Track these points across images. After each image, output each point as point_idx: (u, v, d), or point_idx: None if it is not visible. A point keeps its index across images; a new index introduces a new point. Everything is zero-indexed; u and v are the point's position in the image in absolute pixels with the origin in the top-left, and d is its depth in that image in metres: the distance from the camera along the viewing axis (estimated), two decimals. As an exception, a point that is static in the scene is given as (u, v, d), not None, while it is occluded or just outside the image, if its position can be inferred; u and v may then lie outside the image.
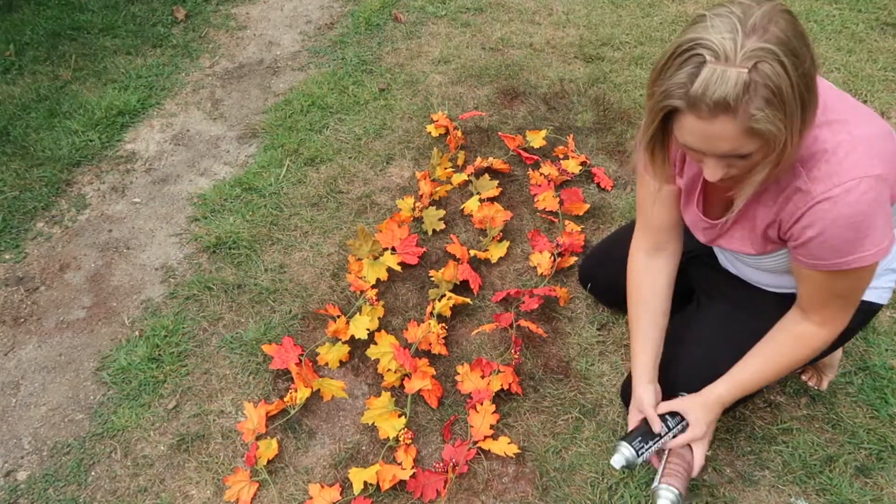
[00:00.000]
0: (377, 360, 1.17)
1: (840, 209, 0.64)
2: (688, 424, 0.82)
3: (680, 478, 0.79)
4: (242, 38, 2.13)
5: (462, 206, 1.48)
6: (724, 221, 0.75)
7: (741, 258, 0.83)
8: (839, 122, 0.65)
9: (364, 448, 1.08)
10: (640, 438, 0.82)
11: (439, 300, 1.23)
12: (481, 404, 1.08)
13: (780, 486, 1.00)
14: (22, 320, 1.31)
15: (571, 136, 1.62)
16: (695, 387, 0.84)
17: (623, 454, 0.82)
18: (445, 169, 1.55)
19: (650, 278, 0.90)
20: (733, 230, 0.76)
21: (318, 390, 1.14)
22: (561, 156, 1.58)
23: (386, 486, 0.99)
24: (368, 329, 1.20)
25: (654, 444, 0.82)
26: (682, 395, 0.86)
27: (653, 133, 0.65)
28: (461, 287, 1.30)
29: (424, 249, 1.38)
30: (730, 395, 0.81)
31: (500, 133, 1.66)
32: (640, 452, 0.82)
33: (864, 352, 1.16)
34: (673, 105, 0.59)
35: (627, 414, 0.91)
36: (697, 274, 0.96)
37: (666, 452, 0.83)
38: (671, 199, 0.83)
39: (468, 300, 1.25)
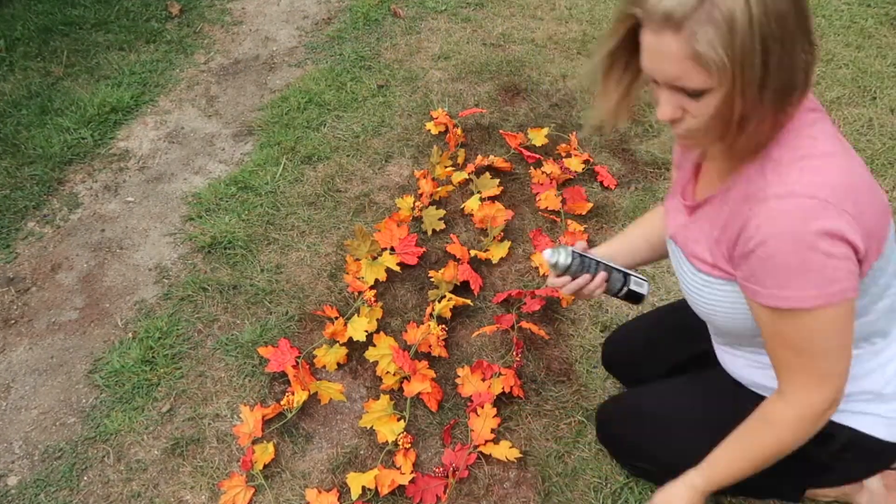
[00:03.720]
0: (376, 363, 1.15)
1: (790, 222, 0.55)
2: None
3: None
4: (238, 33, 2.09)
5: (462, 206, 1.46)
6: (696, 202, 0.67)
7: (697, 305, 0.70)
8: (834, 152, 0.58)
9: (362, 452, 1.06)
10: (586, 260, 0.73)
11: (439, 301, 1.21)
12: (482, 408, 1.06)
13: (788, 492, 0.98)
14: (13, 322, 1.29)
15: (574, 133, 1.60)
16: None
17: (560, 251, 0.73)
18: (445, 167, 1.52)
19: (646, 216, 0.85)
20: (698, 223, 0.67)
21: (316, 393, 1.12)
22: (563, 154, 1.56)
23: (385, 491, 0.97)
24: (367, 331, 1.17)
25: (593, 263, 0.74)
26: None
27: (614, 45, 0.58)
28: (461, 288, 1.28)
29: (424, 249, 1.36)
30: (706, 482, 0.71)
31: (501, 131, 1.64)
32: (574, 258, 0.72)
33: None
34: (632, 12, 0.54)
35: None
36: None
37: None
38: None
39: (468, 301, 1.23)
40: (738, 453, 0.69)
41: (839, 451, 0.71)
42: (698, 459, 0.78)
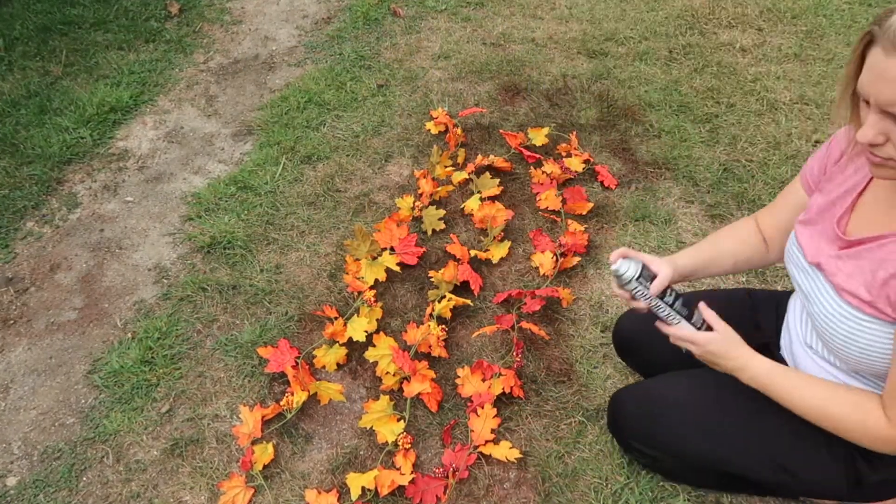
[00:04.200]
0: (375, 363, 1.15)
1: None
2: (700, 322, 0.76)
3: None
4: (237, 32, 2.09)
5: (462, 205, 1.45)
6: (858, 239, 0.65)
7: (830, 334, 0.69)
8: None
9: (362, 453, 1.05)
10: (647, 277, 0.76)
11: (439, 301, 1.21)
12: (482, 408, 1.06)
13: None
14: (11, 322, 1.29)
15: (574, 133, 1.59)
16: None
17: (630, 265, 0.76)
18: (445, 167, 1.52)
19: (738, 232, 0.86)
20: (855, 259, 0.66)
21: (315, 394, 1.12)
22: (564, 153, 1.55)
23: (384, 491, 0.97)
24: (366, 331, 1.17)
25: (650, 292, 0.76)
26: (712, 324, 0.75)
27: (853, 61, 0.58)
28: (461, 288, 1.28)
29: (424, 249, 1.36)
30: (758, 375, 0.72)
31: (501, 130, 1.63)
32: (640, 277, 0.75)
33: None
34: (871, 30, 0.55)
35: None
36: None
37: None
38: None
39: (468, 301, 1.23)
40: (809, 392, 0.69)
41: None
42: (711, 449, 0.78)
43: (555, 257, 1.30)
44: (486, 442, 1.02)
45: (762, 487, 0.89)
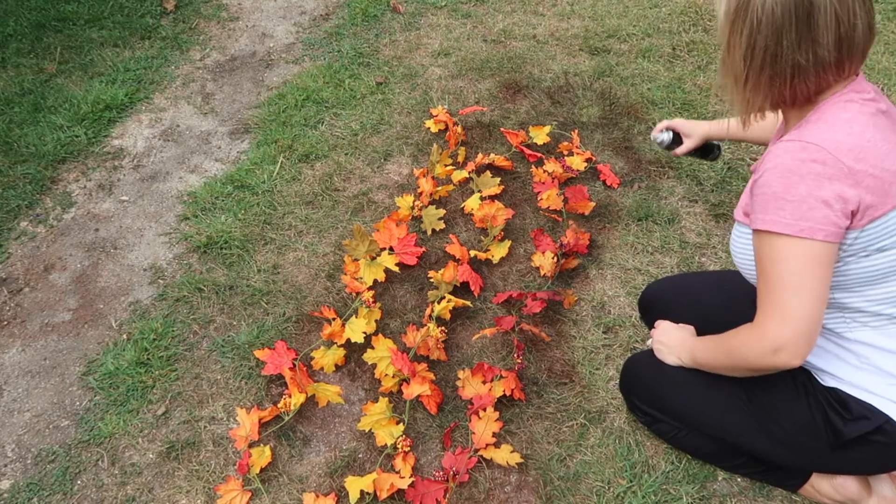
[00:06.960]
0: (374, 365, 1.13)
1: (787, 157, 0.67)
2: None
3: None
4: (234, 29, 2.07)
5: (462, 205, 1.44)
6: (754, 169, 0.76)
7: (736, 260, 0.83)
8: (854, 121, 0.68)
9: (361, 456, 1.04)
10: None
11: (438, 302, 1.19)
12: (483, 411, 1.04)
13: (794, 497, 0.97)
14: (5, 323, 1.27)
15: (576, 131, 1.58)
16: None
17: (664, 136, 1.19)
18: (445, 166, 1.50)
19: (769, 122, 1.01)
20: (753, 177, 0.77)
21: (313, 396, 1.10)
22: (565, 152, 1.54)
23: (383, 495, 0.96)
24: (365, 332, 1.16)
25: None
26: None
27: None
28: (461, 289, 1.26)
29: (423, 249, 1.34)
30: (691, 350, 0.89)
31: (501, 129, 1.62)
32: (672, 144, 1.20)
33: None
34: None
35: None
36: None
37: None
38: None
39: (468, 302, 1.21)
40: (712, 346, 0.83)
41: (870, 433, 0.75)
42: (708, 418, 0.87)
43: (556, 257, 1.29)
44: (487, 445, 1.01)
45: (754, 457, 0.92)
